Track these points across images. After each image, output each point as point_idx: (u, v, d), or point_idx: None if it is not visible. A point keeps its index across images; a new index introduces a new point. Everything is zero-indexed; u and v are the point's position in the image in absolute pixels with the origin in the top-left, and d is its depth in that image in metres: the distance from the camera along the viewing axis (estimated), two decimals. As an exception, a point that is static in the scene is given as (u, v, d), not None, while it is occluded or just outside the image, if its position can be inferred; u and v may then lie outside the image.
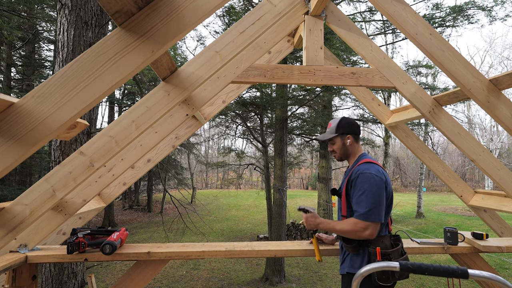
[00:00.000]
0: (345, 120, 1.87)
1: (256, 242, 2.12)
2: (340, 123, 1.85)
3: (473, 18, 7.16)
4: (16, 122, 0.96)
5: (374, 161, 1.74)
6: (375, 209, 1.58)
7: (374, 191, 1.59)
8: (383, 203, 1.61)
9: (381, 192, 1.61)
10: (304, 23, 2.26)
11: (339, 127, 1.84)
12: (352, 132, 1.84)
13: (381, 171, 1.68)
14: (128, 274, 1.91)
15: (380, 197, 1.60)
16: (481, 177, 27.49)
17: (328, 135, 1.87)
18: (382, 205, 1.61)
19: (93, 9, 3.80)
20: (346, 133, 1.84)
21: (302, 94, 8.43)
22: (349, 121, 1.87)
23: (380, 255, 1.58)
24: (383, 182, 1.63)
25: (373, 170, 1.65)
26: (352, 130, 1.84)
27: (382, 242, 1.63)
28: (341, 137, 1.85)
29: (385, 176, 1.68)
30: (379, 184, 1.61)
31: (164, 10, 1.01)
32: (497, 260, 8.03)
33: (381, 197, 1.60)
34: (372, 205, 1.58)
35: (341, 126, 1.84)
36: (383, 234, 1.67)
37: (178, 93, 1.65)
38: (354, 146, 1.85)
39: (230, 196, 22.15)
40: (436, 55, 1.88)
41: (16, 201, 1.57)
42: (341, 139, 1.85)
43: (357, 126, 1.87)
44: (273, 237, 7.42)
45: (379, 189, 1.60)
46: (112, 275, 7.53)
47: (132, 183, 2.92)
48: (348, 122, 1.86)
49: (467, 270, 1.15)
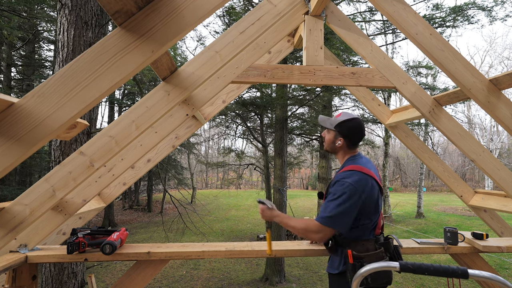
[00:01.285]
0: (352, 123, 1.73)
1: (256, 242, 2.12)
2: (343, 122, 1.73)
3: (473, 19, 7.17)
4: (16, 122, 0.96)
5: (358, 168, 1.62)
6: (337, 217, 1.55)
7: (343, 200, 1.54)
8: (348, 214, 1.55)
9: (351, 203, 1.54)
10: (304, 23, 2.26)
11: (341, 125, 1.73)
12: (348, 138, 1.73)
13: (361, 181, 1.58)
14: (128, 274, 1.91)
15: (347, 208, 1.54)
16: (481, 177, 27.49)
17: (327, 123, 1.80)
18: (347, 216, 1.55)
19: (93, 9, 3.80)
20: (342, 136, 1.74)
21: (302, 94, 8.43)
22: (353, 127, 1.73)
23: (351, 257, 1.56)
24: (357, 193, 1.55)
25: (352, 179, 1.57)
26: (349, 137, 1.73)
27: (362, 245, 1.60)
28: (335, 134, 1.76)
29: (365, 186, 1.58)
30: (352, 194, 1.54)
31: (164, 10, 1.01)
32: (497, 260, 8.03)
33: (348, 208, 1.54)
34: (335, 213, 1.54)
35: (343, 126, 1.73)
36: (366, 238, 1.63)
37: (178, 93, 1.65)
38: (343, 149, 1.76)
39: (230, 196, 22.14)
40: (436, 55, 1.88)
41: (16, 201, 1.57)
42: (335, 136, 1.76)
43: (359, 135, 1.74)
44: (273, 237, 7.42)
45: (350, 200, 1.54)
46: (112, 275, 7.53)
47: (132, 183, 2.92)
48: (351, 128, 1.73)
49: (467, 270, 1.15)
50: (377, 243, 1.65)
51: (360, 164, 1.66)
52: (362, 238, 1.63)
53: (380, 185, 1.69)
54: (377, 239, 1.66)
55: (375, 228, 1.67)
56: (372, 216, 1.63)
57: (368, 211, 1.61)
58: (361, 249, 1.60)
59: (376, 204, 1.64)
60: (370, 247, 1.61)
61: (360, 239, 1.63)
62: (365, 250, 1.60)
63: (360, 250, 1.59)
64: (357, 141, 1.75)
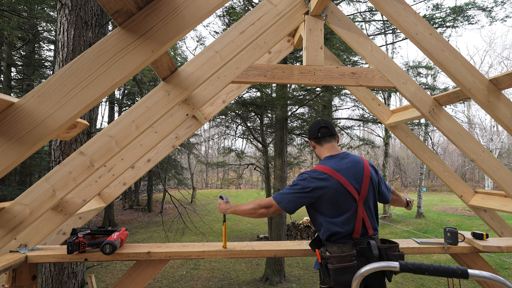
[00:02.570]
0: (310, 125, 1.91)
1: (256, 242, 2.12)
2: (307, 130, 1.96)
3: (473, 19, 7.16)
4: (16, 122, 0.96)
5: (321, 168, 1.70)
6: (285, 198, 1.69)
7: (295, 186, 1.69)
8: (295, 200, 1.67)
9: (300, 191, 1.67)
10: (304, 23, 2.26)
11: (307, 133, 1.96)
12: (311, 137, 1.88)
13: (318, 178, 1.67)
14: (128, 274, 1.91)
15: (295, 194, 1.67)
16: (481, 177, 27.49)
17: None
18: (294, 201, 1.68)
19: (93, 9, 3.80)
20: (310, 139, 1.91)
21: (302, 94, 8.43)
22: (311, 126, 1.90)
23: (319, 256, 1.67)
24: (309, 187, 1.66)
25: (309, 174, 1.70)
26: (310, 135, 1.89)
27: (338, 247, 1.64)
28: (310, 143, 1.93)
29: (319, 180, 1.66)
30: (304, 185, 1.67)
31: (164, 10, 1.01)
32: (497, 260, 8.03)
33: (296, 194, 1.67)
34: (285, 193, 1.70)
35: (308, 133, 1.92)
36: (341, 242, 1.64)
37: (178, 93, 1.65)
38: (318, 149, 1.87)
39: (230, 196, 22.14)
40: (436, 55, 1.88)
41: (16, 201, 1.57)
42: (310, 144, 1.94)
43: (315, 129, 1.85)
44: (273, 237, 7.42)
45: (300, 189, 1.67)
46: (112, 275, 7.53)
47: (132, 183, 2.92)
48: (310, 128, 1.90)
49: (467, 270, 1.15)
50: (355, 246, 1.64)
51: (327, 165, 1.73)
52: (337, 242, 1.65)
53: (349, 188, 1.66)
54: (356, 242, 1.65)
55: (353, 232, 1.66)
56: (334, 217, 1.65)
57: (325, 210, 1.66)
58: (337, 251, 1.63)
59: (338, 206, 1.65)
60: (344, 249, 1.63)
61: (335, 242, 1.65)
62: (341, 252, 1.63)
63: (335, 251, 1.63)
64: (315, 134, 1.85)
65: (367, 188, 1.71)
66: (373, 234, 1.72)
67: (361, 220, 1.68)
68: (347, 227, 1.65)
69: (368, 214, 1.71)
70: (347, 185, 1.66)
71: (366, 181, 1.71)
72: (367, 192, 1.71)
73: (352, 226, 1.66)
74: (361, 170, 1.73)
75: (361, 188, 1.69)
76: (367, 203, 1.72)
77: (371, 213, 1.73)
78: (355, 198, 1.67)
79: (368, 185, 1.72)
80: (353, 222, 1.66)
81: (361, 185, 1.70)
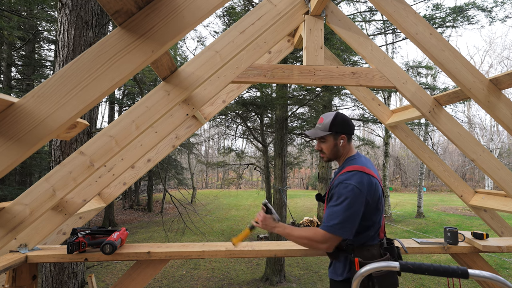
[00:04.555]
0: (340, 116, 1.66)
1: (256, 242, 2.12)
2: (334, 120, 1.64)
3: (473, 19, 7.16)
4: (16, 122, 0.96)
5: (360, 168, 1.56)
6: (343, 224, 1.47)
7: (348, 205, 1.47)
8: (354, 219, 1.48)
9: (356, 207, 1.48)
10: (304, 23, 2.26)
11: (333, 124, 1.64)
12: (347, 132, 1.67)
13: (364, 181, 1.51)
14: (128, 274, 1.91)
15: (352, 213, 1.47)
16: (481, 177, 27.48)
17: (320, 133, 1.67)
18: (353, 221, 1.48)
19: (94, 9, 3.80)
20: (341, 132, 1.65)
21: (302, 94, 8.42)
22: (345, 119, 1.67)
23: (358, 265, 1.48)
24: (362, 196, 1.48)
25: (355, 180, 1.50)
26: (348, 129, 1.67)
27: (368, 250, 1.56)
28: (334, 136, 1.66)
29: (369, 186, 1.52)
30: (356, 197, 1.47)
31: (164, 10, 1.01)
32: (497, 260, 8.03)
33: (354, 213, 1.48)
34: (341, 219, 1.47)
35: (336, 124, 1.64)
36: (371, 243, 1.58)
37: (178, 93, 1.65)
38: (346, 147, 1.69)
39: (230, 196, 22.15)
40: (436, 55, 1.88)
41: (16, 201, 1.57)
42: (334, 138, 1.66)
43: (353, 124, 1.71)
44: (273, 237, 7.42)
45: (355, 204, 1.47)
46: (112, 275, 7.53)
47: (132, 183, 2.92)
48: (344, 120, 1.66)
49: (467, 270, 1.15)
50: (381, 248, 1.61)
51: (361, 164, 1.59)
52: (367, 244, 1.58)
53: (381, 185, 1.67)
54: (382, 243, 1.62)
55: (379, 231, 1.62)
56: (373, 216, 1.56)
57: (370, 211, 1.55)
58: (367, 255, 1.54)
59: (378, 203, 1.58)
60: (375, 253, 1.57)
61: (366, 244, 1.57)
62: (371, 257, 1.55)
63: (366, 256, 1.54)
64: (353, 132, 1.71)
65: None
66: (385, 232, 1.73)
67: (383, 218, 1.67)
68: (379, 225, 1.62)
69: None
70: (380, 183, 1.65)
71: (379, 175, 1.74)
72: None
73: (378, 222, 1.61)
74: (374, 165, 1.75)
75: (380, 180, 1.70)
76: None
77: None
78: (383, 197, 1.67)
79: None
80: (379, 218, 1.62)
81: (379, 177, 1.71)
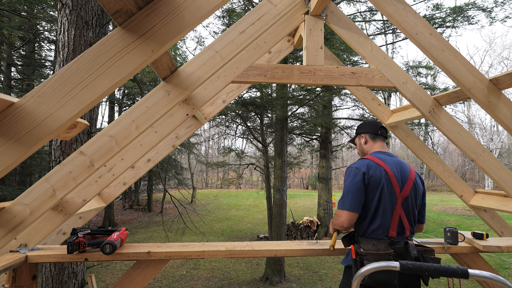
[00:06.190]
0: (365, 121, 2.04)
1: (256, 242, 2.12)
2: (359, 125, 2.02)
3: (473, 19, 7.15)
4: (16, 122, 0.96)
5: (369, 157, 1.75)
6: (345, 198, 1.67)
7: (348, 181, 1.69)
8: (354, 193, 1.64)
9: (355, 182, 1.65)
10: (304, 23, 2.26)
11: (357, 128, 2.02)
12: (366, 131, 1.95)
13: (366, 163, 1.69)
14: (128, 274, 1.91)
15: (352, 187, 1.65)
16: (481, 177, 27.48)
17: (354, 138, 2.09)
18: (353, 194, 1.64)
19: (94, 9, 3.80)
20: (361, 133, 1.98)
21: (302, 94, 8.43)
22: (366, 122, 2.00)
23: (354, 253, 1.62)
24: (360, 173, 1.66)
25: (357, 163, 1.72)
26: (366, 129, 1.95)
27: (373, 245, 1.60)
28: (358, 137, 2.00)
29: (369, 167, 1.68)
30: (355, 174, 1.68)
31: (164, 10, 1.01)
32: (497, 260, 8.03)
33: (353, 186, 1.65)
34: (343, 194, 1.69)
35: (359, 127, 2.02)
36: (376, 237, 1.61)
37: (178, 93, 1.65)
38: (369, 144, 1.93)
39: (230, 196, 22.15)
40: (436, 55, 1.88)
41: (16, 201, 1.57)
42: (358, 139, 2.00)
43: (376, 125, 1.94)
44: (273, 237, 7.42)
45: (352, 180, 1.67)
46: (112, 275, 7.53)
47: (132, 183, 2.92)
48: (364, 123, 2.00)
49: (467, 270, 1.15)
50: (392, 245, 1.60)
51: (374, 156, 1.77)
52: (371, 237, 1.62)
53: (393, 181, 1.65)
54: (393, 241, 1.61)
55: (389, 229, 1.62)
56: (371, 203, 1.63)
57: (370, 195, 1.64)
58: (371, 249, 1.59)
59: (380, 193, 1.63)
60: (380, 248, 1.58)
61: (370, 237, 1.62)
62: (375, 251, 1.57)
63: (370, 249, 1.59)
64: (375, 130, 1.92)
65: (409, 190, 1.69)
66: (410, 236, 1.70)
67: (398, 217, 1.65)
68: (384, 218, 1.62)
69: (407, 215, 1.68)
70: (392, 177, 1.66)
71: (409, 183, 1.71)
72: (409, 193, 1.69)
73: (388, 218, 1.62)
74: (406, 172, 1.74)
75: (403, 187, 1.68)
76: (406, 203, 1.69)
77: (409, 215, 1.70)
78: (395, 193, 1.66)
79: (410, 187, 1.70)
80: (390, 215, 1.63)
81: (404, 184, 1.69)
